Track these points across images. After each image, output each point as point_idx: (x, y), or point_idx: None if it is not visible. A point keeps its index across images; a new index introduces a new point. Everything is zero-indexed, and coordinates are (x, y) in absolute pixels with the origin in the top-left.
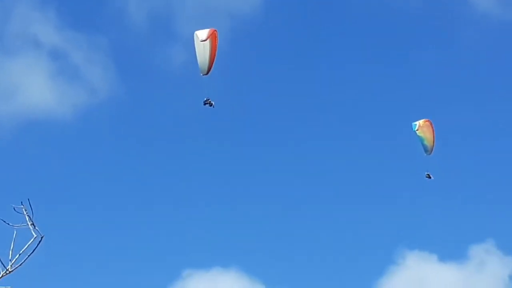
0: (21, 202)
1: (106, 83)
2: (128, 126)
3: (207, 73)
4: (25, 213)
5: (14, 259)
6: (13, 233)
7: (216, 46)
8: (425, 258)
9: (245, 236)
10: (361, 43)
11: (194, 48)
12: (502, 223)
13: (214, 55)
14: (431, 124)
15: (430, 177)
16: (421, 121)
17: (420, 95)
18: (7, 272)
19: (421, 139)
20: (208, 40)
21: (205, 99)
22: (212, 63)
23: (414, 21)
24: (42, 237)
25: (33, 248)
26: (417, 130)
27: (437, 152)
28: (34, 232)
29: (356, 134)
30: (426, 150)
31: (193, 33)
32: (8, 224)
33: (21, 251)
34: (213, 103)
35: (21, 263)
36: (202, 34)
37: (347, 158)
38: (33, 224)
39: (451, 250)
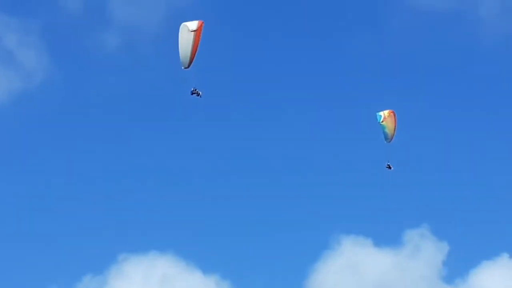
0: None
1: (40, 68)
2: (63, 110)
3: (188, 66)
4: None
5: None
6: None
7: (199, 40)
8: (360, 243)
9: (181, 221)
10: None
11: (178, 40)
12: (437, 208)
13: (196, 49)
14: (394, 114)
15: (390, 168)
16: (385, 112)
17: (351, 81)
18: None
19: (383, 128)
20: (192, 34)
21: (192, 89)
22: (194, 57)
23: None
24: None
25: None
26: (382, 121)
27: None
28: None
29: (293, 125)
30: (386, 138)
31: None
32: None
33: None
34: (201, 93)
35: None
36: (191, 25)
37: (279, 146)
38: None
39: (386, 235)
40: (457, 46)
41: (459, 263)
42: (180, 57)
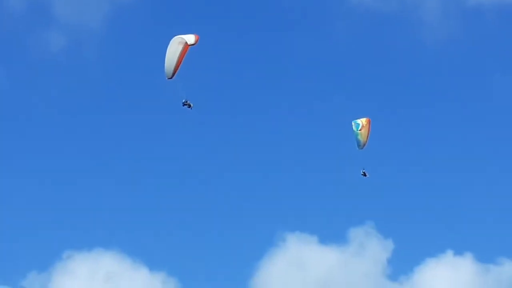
0: None
1: None
2: (6, 110)
3: (172, 76)
4: None
5: None
6: None
7: (185, 53)
8: (305, 240)
9: (126, 218)
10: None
11: (166, 50)
12: (382, 206)
13: (181, 61)
14: (369, 122)
15: (365, 175)
16: (363, 120)
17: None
18: None
19: (357, 135)
20: (181, 46)
21: (184, 100)
22: (178, 68)
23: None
24: None
25: None
26: (360, 130)
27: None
28: None
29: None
30: (359, 145)
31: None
32: None
33: None
34: (192, 105)
35: None
36: (190, 38)
37: (223, 144)
38: None
39: (331, 233)
40: (399, 47)
41: (404, 261)
42: (166, 67)
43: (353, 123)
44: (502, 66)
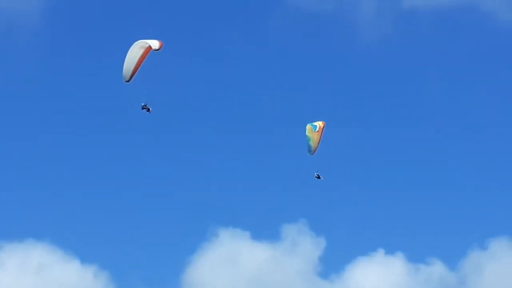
0: None
1: None
2: None
3: (130, 79)
4: None
5: None
6: None
7: (145, 57)
8: (238, 235)
9: (58, 208)
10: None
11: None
12: (315, 203)
13: (140, 65)
14: (324, 126)
15: (319, 177)
16: (320, 123)
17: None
18: None
19: (308, 139)
20: (142, 50)
21: (143, 104)
22: (136, 71)
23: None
24: None
25: None
26: (317, 131)
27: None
28: None
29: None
30: (310, 151)
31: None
32: None
33: None
34: (151, 109)
35: None
36: (154, 43)
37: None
38: None
39: (264, 229)
40: (334, 46)
41: (335, 259)
42: (124, 70)
43: (309, 126)
44: (435, 67)
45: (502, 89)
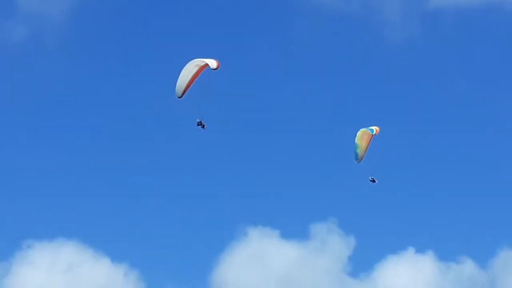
0: None
1: None
2: None
3: (182, 96)
4: None
5: None
6: None
7: (199, 74)
8: (267, 234)
9: (88, 207)
10: None
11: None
12: (344, 202)
13: (193, 82)
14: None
15: (374, 181)
16: (376, 128)
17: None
18: None
19: (356, 147)
20: (197, 67)
21: (198, 120)
22: (188, 88)
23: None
24: None
25: None
26: (374, 134)
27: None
28: None
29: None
30: (357, 158)
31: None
32: None
33: None
34: (205, 126)
35: None
36: (212, 63)
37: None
38: None
39: (293, 228)
40: (362, 47)
41: (365, 258)
42: (177, 86)
43: (362, 131)
44: (459, 67)
45: None
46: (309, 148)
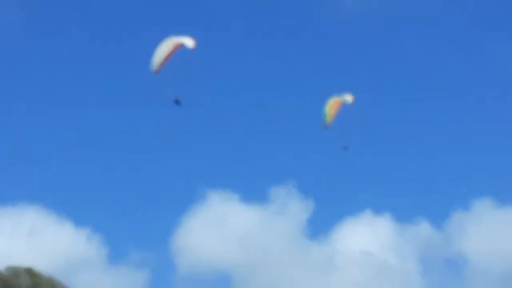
0: None
1: None
2: None
3: (158, 71)
4: None
5: None
6: None
7: (174, 52)
8: (227, 198)
9: (50, 172)
10: None
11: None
12: (303, 165)
13: (168, 59)
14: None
15: (347, 149)
16: (351, 96)
17: None
18: None
19: (327, 115)
20: (173, 45)
21: (175, 98)
22: (164, 64)
23: None
24: None
25: None
26: (351, 102)
27: None
28: None
29: None
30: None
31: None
32: None
33: None
34: (181, 102)
35: None
36: (189, 41)
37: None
38: None
39: (253, 191)
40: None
41: (323, 220)
42: (154, 63)
43: (335, 99)
44: (416, 33)
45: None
46: (267, 113)
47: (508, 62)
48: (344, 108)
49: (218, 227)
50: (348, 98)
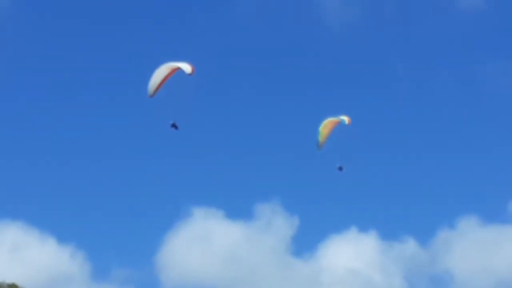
0: None
1: None
2: None
3: (153, 95)
4: None
5: None
6: None
7: (170, 75)
8: (212, 214)
9: (33, 189)
10: None
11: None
12: (288, 182)
13: (163, 83)
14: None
15: (341, 169)
16: (347, 118)
17: None
18: None
19: (319, 134)
20: (168, 70)
21: (172, 122)
22: (159, 88)
23: None
24: None
25: None
26: (347, 123)
27: None
28: None
29: None
30: (318, 146)
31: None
32: None
33: None
34: (178, 126)
35: None
36: (187, 67)
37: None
38: None
39: (238, 208)
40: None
41: (308, 237)
42: (149, 86)
43: (331, 119)
44: (399, 49)
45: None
46: (253, 130)
47: (493, 79)
48: (339, 128)
49: (203, 244)
50: (345, 118)
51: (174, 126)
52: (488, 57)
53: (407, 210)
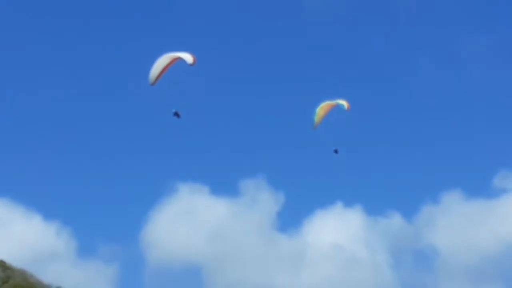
0: None
1: None
2: None
3: (154, 83)
4: None
5: None
6: None
7: (171, 64)
8: (197, 190)
9: (19, 164)
10: None
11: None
12: (273, 158)
13: (164, 71)
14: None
15: (337, 152)
16: (346, 102)
17: None
18: None
19: (317, 115)
20: (170, 59)
21: (174, 111)
22: (160, 77)
23: None
24: None
25: None
26: (346, 109)
27: None
28: None
29: None
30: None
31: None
32: None
33: None
34: (180, 115)
35: None
36: (188, 57)
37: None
38: None
39: (223, 184)
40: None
41: (294, 213)
42: (150, 75)
43: (328, 102)
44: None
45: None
46: (238, 108)
47: (469, 54)
48: (336, 111)
49: (188, 220)
50: (344, 103)
51: (176, 114)
52: (464, 31)
53: (391, 185)
